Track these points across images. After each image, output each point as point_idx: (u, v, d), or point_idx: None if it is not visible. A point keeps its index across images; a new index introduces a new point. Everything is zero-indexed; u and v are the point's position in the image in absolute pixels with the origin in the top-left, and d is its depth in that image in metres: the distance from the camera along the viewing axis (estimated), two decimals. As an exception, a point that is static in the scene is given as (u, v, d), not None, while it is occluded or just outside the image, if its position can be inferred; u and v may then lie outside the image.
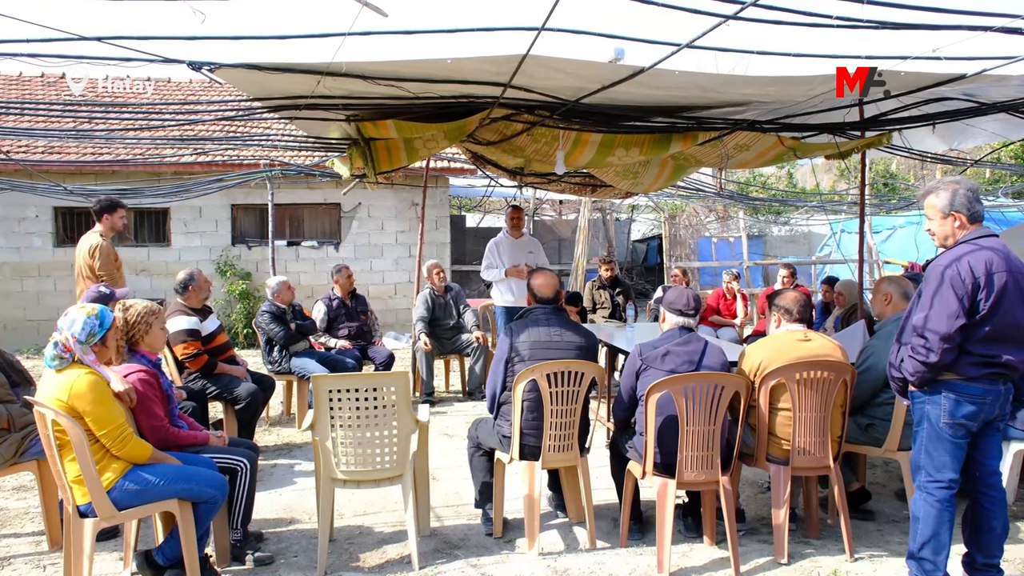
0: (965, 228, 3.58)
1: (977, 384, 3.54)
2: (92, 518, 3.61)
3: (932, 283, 3.49)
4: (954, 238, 3.59)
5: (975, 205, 3.57)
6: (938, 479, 3.70)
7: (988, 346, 3.49)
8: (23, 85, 14.97)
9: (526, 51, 3.79)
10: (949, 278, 3.44)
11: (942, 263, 3.50)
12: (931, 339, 3.44)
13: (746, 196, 16.19)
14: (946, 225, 3.60)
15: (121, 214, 6.72)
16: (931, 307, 3.47)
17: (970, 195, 3.57)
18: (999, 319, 3.47)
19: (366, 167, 5.71)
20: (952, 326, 3.40)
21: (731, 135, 5.75)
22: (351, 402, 4.12)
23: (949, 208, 3.57)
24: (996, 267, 3.47)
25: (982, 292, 3.44)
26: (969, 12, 3.35)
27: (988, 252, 3.49)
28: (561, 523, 4.83)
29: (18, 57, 3.94)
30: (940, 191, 3.61)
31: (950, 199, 3.57)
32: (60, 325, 3.70)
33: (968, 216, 3.56)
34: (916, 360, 3.51)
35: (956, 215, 3.57)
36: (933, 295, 3.47)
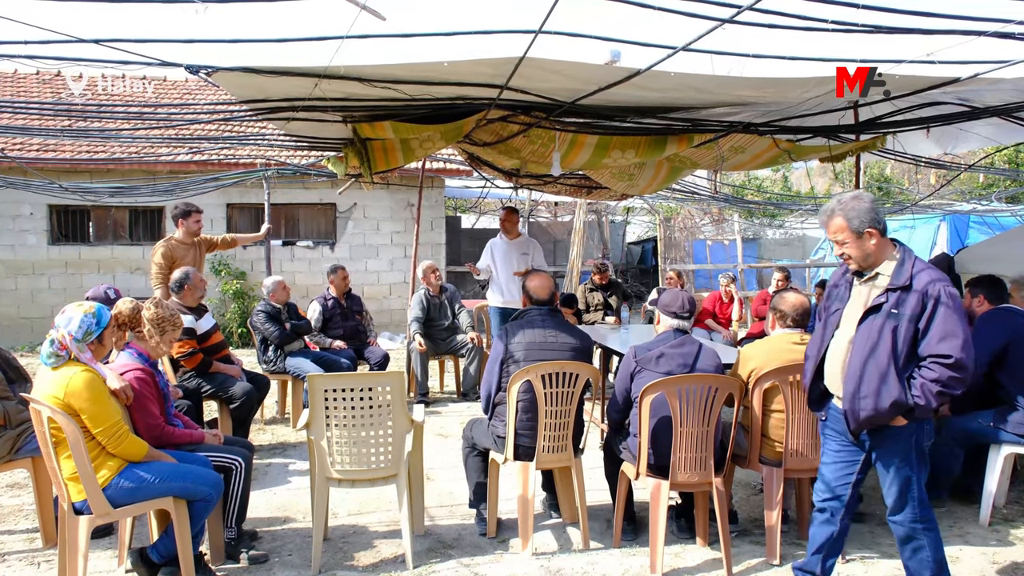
0: (882, 243, 3.41)
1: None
2: (87, 515, 3.62)
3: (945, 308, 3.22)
4: (876, 257, 3.42)
5: (881, 217, 3.41)
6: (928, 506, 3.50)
7: None
8: (18, 83, 14.94)
9: (523, 53, 3.80)
10: (959, 299, 3.27)
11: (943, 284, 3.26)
12: (968, 370, 3.18)
13: (741, 199, 16.22)
14: (863, 245, 3.39)
15: (196, 218, 7.19)
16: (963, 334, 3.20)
17: (876, 208, 3.40)
18: None
19: (362, 167, 5.72)
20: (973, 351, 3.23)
21: (726, 137, 5.78)
22: (347, 402, 4.13)
23: (861, 226, 3.37)
24: None
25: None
26: (963, 17, 3.38)
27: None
28: (555, 523, 4.84)
29: (16, 59, 3.95)
30: (844, 211, 3.40)
31: (860, 216, 3.37)
32: (57, 322, 3.70)
33: (880, 230, 3.39)
34: (948, 392, 3.22)
35: (870, 232, 3.37)
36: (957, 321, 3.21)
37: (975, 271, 7.43)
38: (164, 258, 6.84)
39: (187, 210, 7.14)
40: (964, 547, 4.45)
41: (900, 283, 3.31)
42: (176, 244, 7.03)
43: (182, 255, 6.97)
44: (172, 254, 6.91)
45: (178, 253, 6.95)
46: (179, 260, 6.85)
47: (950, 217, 15.47)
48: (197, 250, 7.21)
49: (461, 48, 5.53)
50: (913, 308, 3.27)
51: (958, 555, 4.35)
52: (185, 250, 7.04)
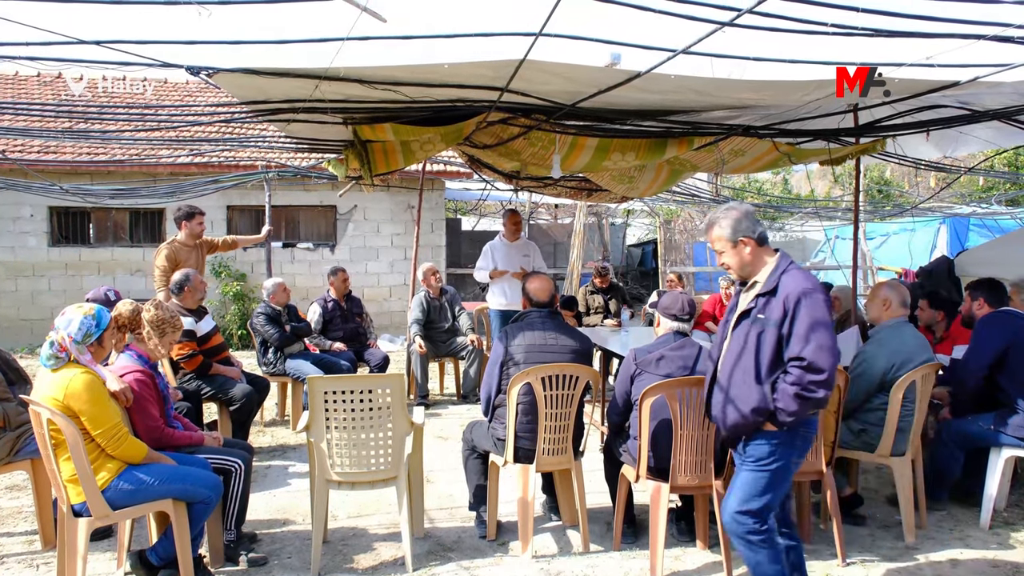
0: (757, 252, 3.43)
1: (815, 418, 3.46)
2: (86, 517, 3.62)
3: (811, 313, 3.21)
4: (752, 266, 3.44)
5: (757, 226, 3.44)
6: (768, 520, 3.42)
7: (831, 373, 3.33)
8: (19, 85, 14.95)
9: (523, 56, 3.81)
10: (824, 303, 3.24)
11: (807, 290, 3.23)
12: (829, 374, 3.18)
13: (741, 202, 16.21)
14: (738, 253, 3.43)
15: (199, 220, 7.20)
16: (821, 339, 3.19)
17: (750, 217, 3.44)
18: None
19: (362, 169, 5.72)
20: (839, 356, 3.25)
21: (726, 140, 5.78)
22: (347, 404, 4.13)
23: (735, 236, 3.42)
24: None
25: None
26: (962, 21, 3.38)
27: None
28: (555, 526, 4.84)
29: (17, 60, 3.95)
30: (721, 221, 3.47)
31: (733, 226, 3.42)
32: (57, 324, 3.70)
33: (756, 239, 3.42)
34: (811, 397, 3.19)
35: (744, 241, 3.41)
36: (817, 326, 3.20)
37: (975, 274, 7.44)
38: (168, 260, 6.85)
39: (191, 212, 7.15)
40: (964, 550, 4.44)
41: (767, 289, 3.33)
42: (179, 246, 7.04)
43: (185, 257, 6.98)
44: (175, 256, 6.92)
45: (181, 255, 6.96)
46: (182, 262, 6.86)
47: (950, 220, 15.48)
48: (199, 252, 7.23)
49: (461, 50, 5.59)
50: (778, 313, 3.27)
51: (958, 558, 4.34)
52: (188, 252, 7.05)
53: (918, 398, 4.54)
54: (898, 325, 4.72)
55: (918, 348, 4.61)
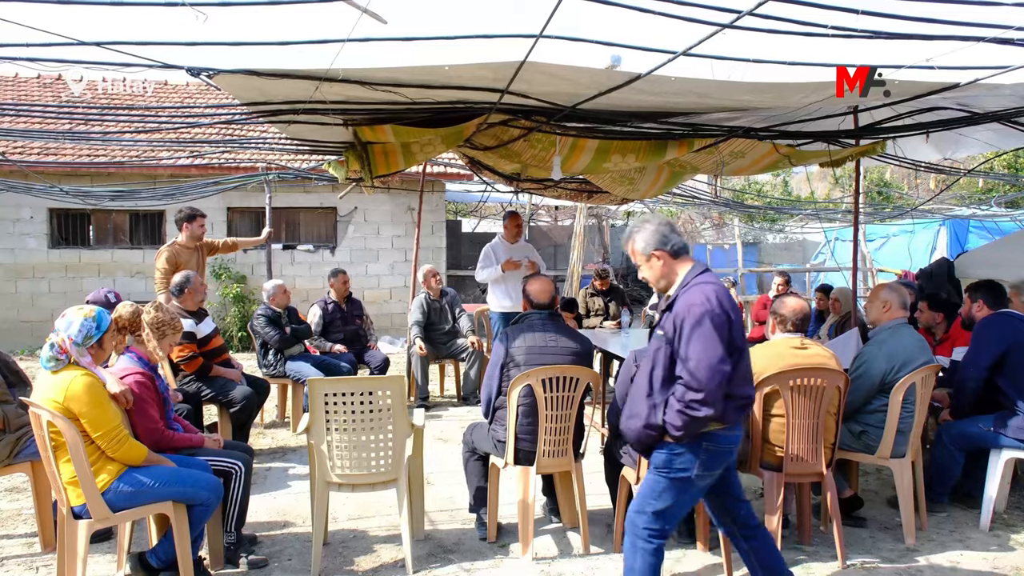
0: (672, 264, 3.42)
1: (735, 431, 3.40)
2: (86, 520, 3.62)
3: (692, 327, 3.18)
4: (668, 279, 3.43)
5: (672, 238, 3.41)
6: (663, 529, 3.40)
7: (743, 386, 3.34)
8: (19, 86, 14.96)
9: (524, 58, 3.81)
10: (711, 320, 3.17)
11: (693, 304, 3.22)
12: (708, 392, 3.12)
13: (741, 204, 16.22)
14: (653, 267, 3.44)
15: (200, 222, 7.20)
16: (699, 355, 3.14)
17: (663, 230, 3.42)
18: (744, 356, 3.35)
19: (363, 171, 5.72)
20: (726, 372, 3.17)
21: (727, 142, 5.78)
22: (347, 406, 4.13)
23: (646, 251, 3.42)
24: (730, 302, 3.30)
25: (734, 328, 3.25)
26: (962, 23, 3.38)
27: (717, 286, 3.32)
28: (555, 528, 4.83)
29: (17, 61, 3.95)
30: (634, 235, 3.48)
31: (646, 240, 3.42)
32: (57, 326, 3.71)
33: (670, 252, 3.40)
34: (691, 415, 3.15)
35: (656, 255, 3.41)
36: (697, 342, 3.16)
37: (975, 276, 7.44)
38: (168, 262, 6.85)
39: (192, 214, 7.15)
40: (965, 552, 4.44)
41: (668, 304, 3.34)
42: (180, 248, 7.04)
43: (186, 259, 6.98)
44: (176, 258, 6.92)
45: (182, 257, 6.97)
46: (183, 264, 6.86)
47: (950, 222, 15.49)
48: (200, 254, 7.23)
49: (462, 52, 5.59)
50: (670, 330, 3.27)
51: (959, 560, 4.34)
52: (189, 255, 7.05)
53: (918, 400, 4.54)
54: (898, 327, 4.72)
55: (918, 350, 4.61)
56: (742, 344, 3.31)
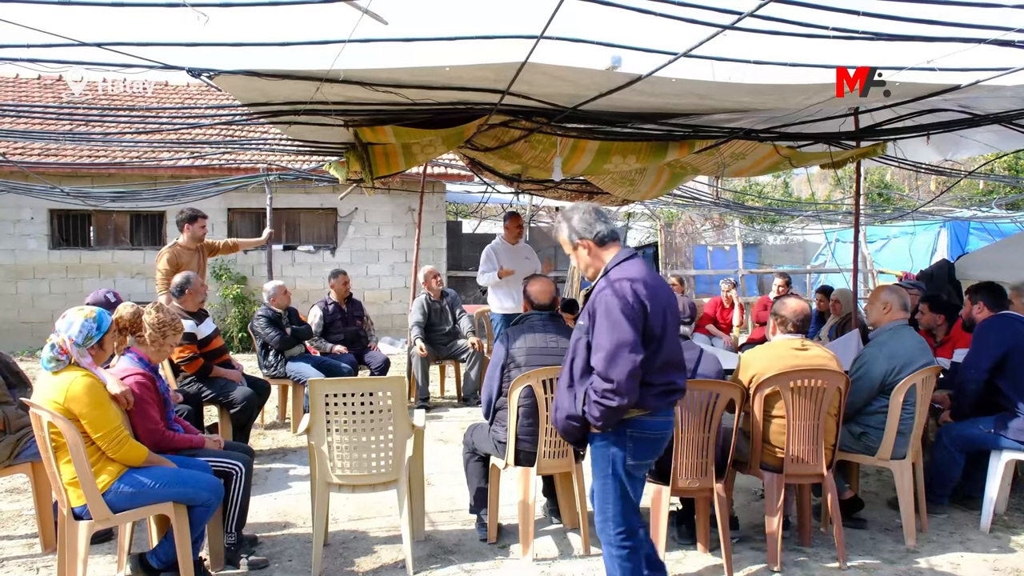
0: (598, 252, 3.40)
1: (663, 417, 3.36)
2: (87, 520, 3.62)
3: (602, 316, 3.18)
4: (594, 267, 3.41)
5: (596, 226, 3.38)
6: (629, 528, 3.37)
7: (664, 373, 3.28)
8: (19, 87, 14.97)
9: (524, 59, 3.81)
10: (620, 309, 3.14)
11: (604, 292, 3.21)
12: (618, 382, 3.09)
13: (742, 205, 16.24)
14: (579, 256, 3.44)
15: (201, 223, 7.22)
16: (608, 345, 3.13)
17: (587, 218, 3.40)
18: (668, 344, 3.29)
19: (363, 172, 5.73)
20: (636, 361, 3.11)
21: (727, 144, 5.79)
22: (348, 407, 4.13)
23: (571, 239, 3.43)
24: (652, 286, 3.26)
25: (651, 317, 3.21)
26: (963, 24, 3.38)
27: (640, 273, 3.28)
28: (556, 529, 4.83)
29: (18, 62, 3.96)
30: (562, 224, 3.47)
31: (569, 230, 3.42)
32: (57, 327, 3.71)
33: (594, 239, 3.38)
34: (604, 405, 3.13)
35: (581, 243, 3.40)
36: (606, 331, 3.15)
37: (975, 278, 7.45)
38: (170, 263, 6.86)
39: (193, 215, 7.16)
40: (965, 554, 4.44)
41: (587, 293, 3.34)
42: (181, 249, 7.05)
43: (187, 260, 6.98)
44: (177, 259, 6.92)
45: (183, 258, 6.97)
46: (184, 265, 6.86)
47: (950, 223, 15.49)
48: (201, 255, 7.24)
49: (463, 53, 5.58)
50: (586, 320, 3.28)
51: (959, 562, 4.34)
52: (190, 255, 7.06)
53: (918, 401, 4.54)
54: (898, 328, 4.72)
55: (918, 351, 4.61)
56: (661, 332, 3.24)
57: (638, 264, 3.33)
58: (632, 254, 3.39)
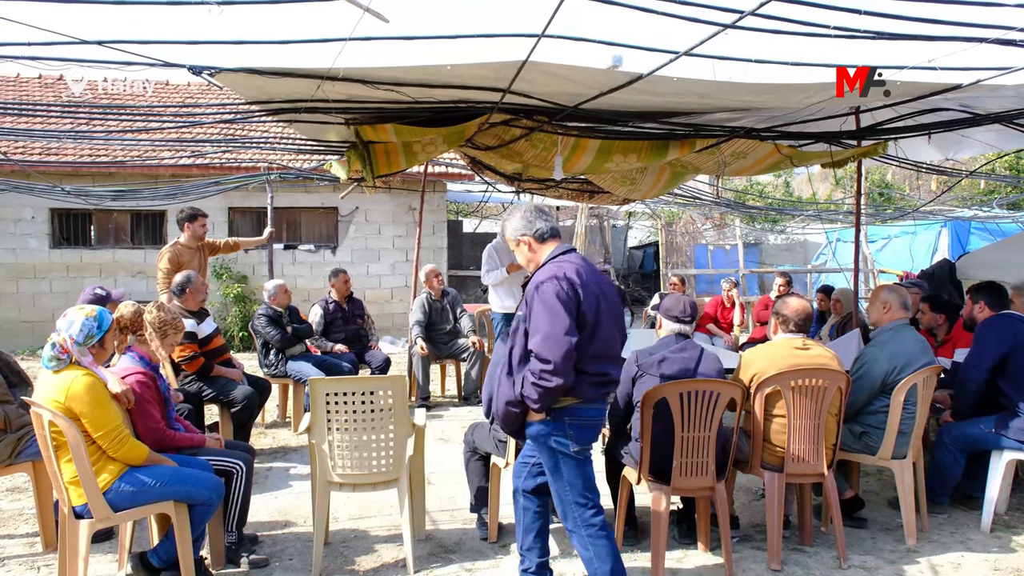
0: (538, 247, 3.61)
1: (597, 406, 3.52)
2: (88, 519, 3.62)
3: (539, 304, 3.34)
4: (535, 262, 3.60)
5: (536, 223, 3.60)
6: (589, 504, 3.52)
7: (599, 363, 3.45)
8: (20, 86, 14.97)
9: (526, 57, 3.81)
10: (555, 295, 3.32)
11: (540, 281, 3.40)
12: (555, 363, 3.24)
13: (743, 204, 16.23)
14: (521, 251, 3.66)
15: (201, 222, 7.22)
16: (544, 326, 3.29)
17: (528, 216, 3.62)
18: (602, 334, 3.46)
19: (364, 171, 5.73)
20: (571, 343, 3.27)
21: (728, 143, 5.78)
22: (348, 406, 4.12)
23: (514, 236, 3.65)
24: (586, 278, 3.45)
25: (584, 304, 3.39)
26: (964, 24, 3.38)
27: (575, 265, 3.46)
28: (556, 528, 4.82)
29: (19, 60, 3.96)
30: (506, 223, 3.71)
31: (513, 227, 3.65)
32: (58, 326, 3.71)
33: (534, 236, 3.60)
34: (542, 386, 3.29)
35: (523, 239, 3.62)
36: (543, 316, 3.31)
37: (976, 277, 7.44)
38: (170, 263, 6.85)
39: (193, 214, 7.16)
40: (966, 553, 4.44)
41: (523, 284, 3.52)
42: (182, 249, 7.04)
43: (188, 259, 6.98)
44: (178, 259, 6.92)
45: (184, 258, 6.97)
46: (185, 264, 6.86)
47: (951, 223, 15.48)
48: (201, 254, 7.23)
49: (464, 51, 5.59)
50: (524, 308, 3.45)
51: (960, 562, 4.34)
52: (191, 255, 7.06)
53: (919, 401, 4.54)
54: (899, 328, 4.72)
55: (919, 351, 4.61)
56: (595, 320, 3.41)
57: (574, 258, 3.54)
58: (569, 249, 3.60)
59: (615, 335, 3.55)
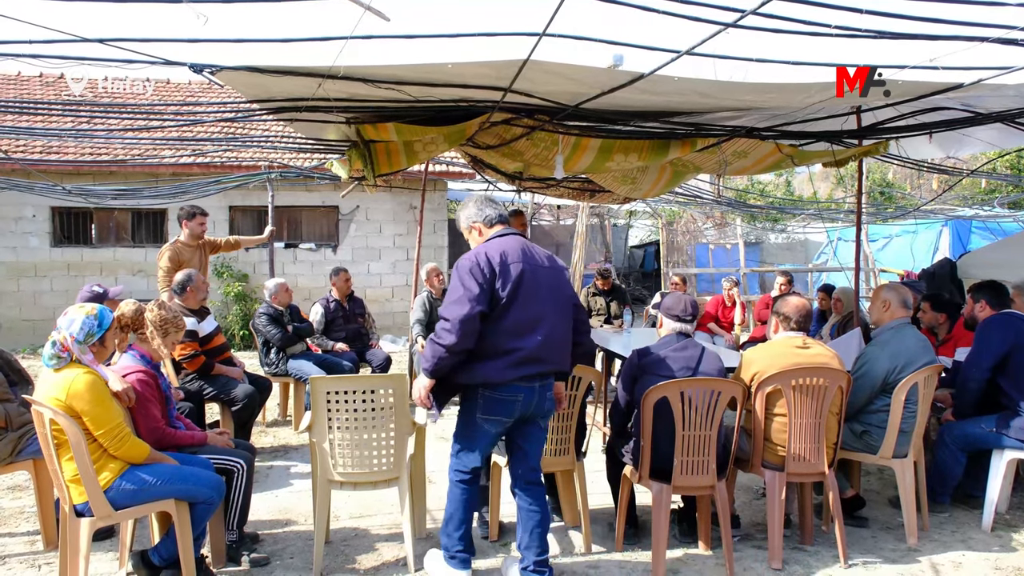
0: (486, 232, 3.95)
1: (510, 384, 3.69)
2: (89, 517, 3.61)
3: (455, 277, 3.71)
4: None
5: (485, 211, 3.97)
6: (464, 468, 3.90)
7: (511, 339, 3.67)
8: (21, 85, 14.97)
9: (527, 56, 3.80)
10: (468, 269, 3.66)
11: (464, 259, 3.75)
12: (452, 321, 3.57)
13: (743, 203, 16.21)
14: (473, 238, 4.01)
15: (200, 220, 7.25)
16: (454, 295, 3.65)
17: (478, 204, 4.00)
18: (520, 311, 3.68)
19: (365, 169, 5.72)
20: (474, 309, 3.56)
21: (729, 142, 5.78)
22: (349, 404, 4.12)
23: (466, 224, 4.03)
24: (512, 258, 3.72)
25: (499, 280, 3.66)
26: (966, 23, 3.37)
27: (503, 246, 3.77)
28: (557, 527, 4.83)
29: (20, 58, 3.95)
30: (459, 212, 4.09)
31: (464, 216, 4.03)
32: (59, 324, 3.70)
33: (483, 223, 3.97)
34: (437, 343, 3.63)
35: (473, 227, 4.00)
36: (454, 287, 3.68)
37: (977, 276, 7.44)
38: (171, 261, 6.86)
39: (192, 212, 7.16)
40: (967, 552, 4.44)
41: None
42: (182, 247, 7.05)
43: (188, 258, 6.98)
44: (178, 257, 6.92)
45: (184, 256, 6.97)
46: (185, 263, 6.86)
47: (952, 222, 15.47)
48: (202, 252, 7.24)
49: (465, 50, 5.54)
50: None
51: (961, 561, 4.34)
52: (191, 253, 7.06)
53: (920, 400, 4.54)
54: (900, 327, 4.72)
55: (920, 350, 4.61)
56: (511, 296, 3.66)
57: (507, 241, 3.83)
58: (508, 233, 3.91)
59: (544, 315, 3.73)
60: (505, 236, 3.87)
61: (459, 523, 3.93)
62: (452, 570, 3.93)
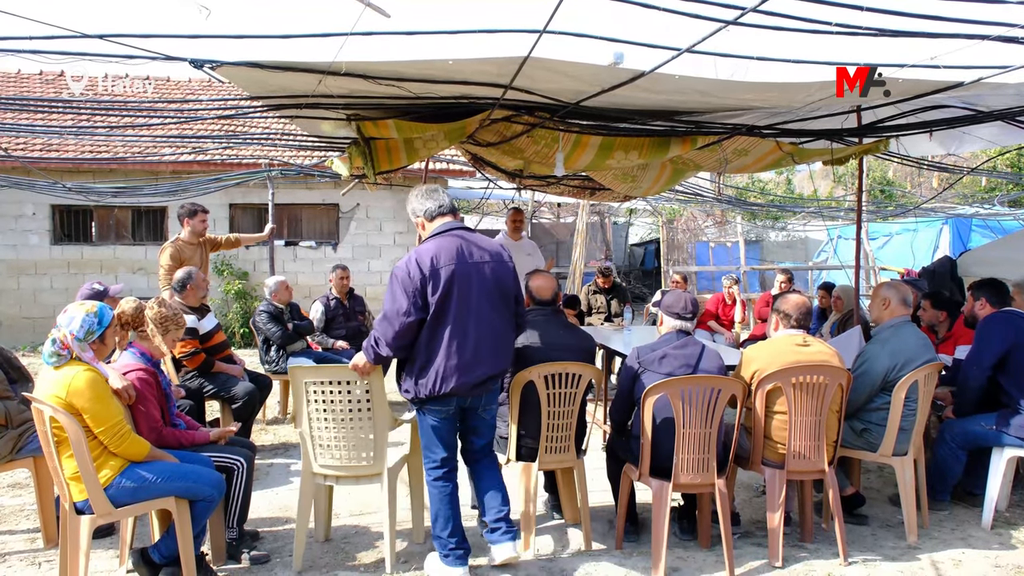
0: (428, 226, 3.95)
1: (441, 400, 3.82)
2: (89, 515, 3.62)
3: (389, 286, 3.78)
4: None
5: (426, 203, 3.96)
6: (433, 460, 3.98)
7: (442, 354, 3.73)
8: (21, 82, 14.96)
9: (527, 53, 3.80)
10: (400, 279, 3.71)
11: (396, 268, 3.79)
12: (385, 338, 3.70)
13: (744, 201, 16.21)
14: (419, 231, 4.05)
15: (201, 218, 7.27)
16: (385, 307, 3.73)
17: (419, 198, 4.00)
18: (450, 319, 3.70)
19: (365, 167, 5.72)
20: (403, 324, 3.65)
21: (730, 140, 5.77)
22: (326, 395, 4.07)
23: (413, 216, 4.05)
24: (443, 261, 3.69)
25: (429, 285, 3.68)
26: (967, 20, 3.37)
27: (436, 248, 3.78)
28: (557, 525, 4.84)
29: (20, 54, 3.95)
30: (407, 205, 4.10)
31: (410, 208, 4.05)
32: (59, 322, 3.70)
33: (425, 216, 3.97)
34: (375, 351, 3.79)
35: (417, 221, 4.02)
36: (387, 295, 3.76)
37: (977, 274, 7.44)
38: (172, 258, 6.85)
39: (193, 210, 7.16)
40: (967, 550, 4.44)
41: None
42: (183, 245, 7.04)
43: (189, 255, 6.98)
44: (179, 255, 6.92)
45: (185, 254, 6.97)
46: (186, 260, 6.86)
47: (952, 220, 15.46)
48: (202, 250, 7.24)
49: (465, 46, 5.57)
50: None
51: (961, 558, 4.34)
52: (192, 251, 7.06)
53: (920, 398, 4.54)
54: (900, 325, 4.72)
55: (920, 348, 4.61)
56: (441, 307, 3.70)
57: (443, 241, 3.81)
58: (445, 229, 3.88)
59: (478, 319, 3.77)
60: (443, 234, 3.87)
61: (446, 521, 3.96)
62: (448, 568, 3.94)
